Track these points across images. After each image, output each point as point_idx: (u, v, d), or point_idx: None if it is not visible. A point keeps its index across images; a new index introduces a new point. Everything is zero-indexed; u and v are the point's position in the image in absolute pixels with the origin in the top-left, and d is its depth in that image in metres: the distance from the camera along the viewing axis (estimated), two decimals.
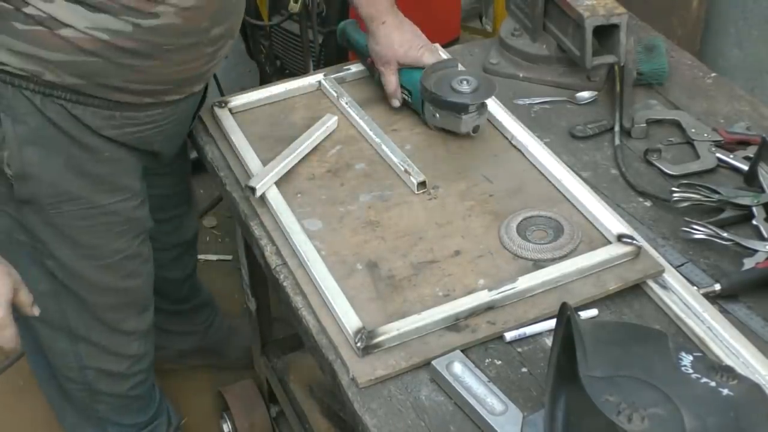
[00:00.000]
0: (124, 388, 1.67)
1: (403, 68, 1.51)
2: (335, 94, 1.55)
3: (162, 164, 1.54)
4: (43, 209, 1.37)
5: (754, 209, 1.30)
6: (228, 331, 2.19)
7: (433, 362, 1.10)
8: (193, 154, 1.63)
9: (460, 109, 1.42)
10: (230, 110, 1.52)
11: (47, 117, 1.29)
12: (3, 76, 1.25)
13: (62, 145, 1.32)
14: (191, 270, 1.99)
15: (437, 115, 1.45)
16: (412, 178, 1.36)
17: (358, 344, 1.09)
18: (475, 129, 1.44)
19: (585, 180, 1.38)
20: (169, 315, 1.95)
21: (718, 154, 1.43)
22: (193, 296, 2.04)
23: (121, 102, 1.31)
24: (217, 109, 1.51)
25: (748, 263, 1.23)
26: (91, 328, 1.55)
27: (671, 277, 1.21)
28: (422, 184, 1.36)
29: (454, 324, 1.14)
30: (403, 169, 1.38)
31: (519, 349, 1.14)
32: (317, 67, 2.12)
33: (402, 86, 1.51)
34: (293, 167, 1.40)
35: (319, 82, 1.60)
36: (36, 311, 1.22)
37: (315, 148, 1.45)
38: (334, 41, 2.02)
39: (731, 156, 1.43)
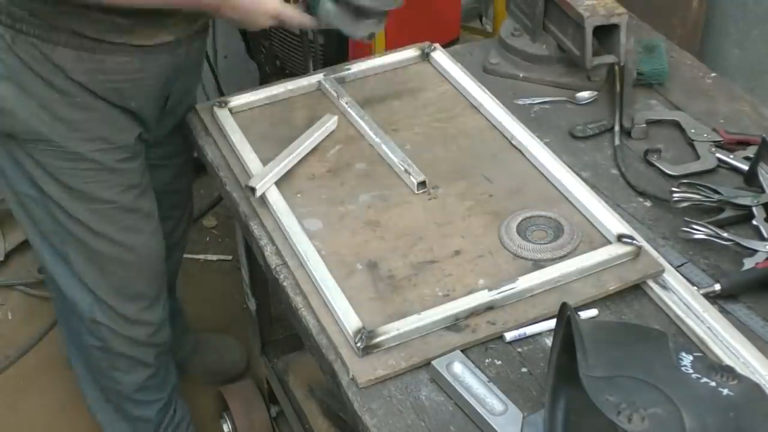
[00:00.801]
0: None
1: None
2: (335, 94, 1.55)
3: (150, 131, 1.53)
4: (25, 145, 1.39)
5: (754, 209, 1.30)
6: (193, 346, 2.13)
7: (433, 362, 1.10)
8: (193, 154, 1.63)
9: (366, 13, 1.33)
10: (230, 110, 1.52)
11: (19, 57, 1.31)
12: None
13: (35, 85, 1.34)
14: (171, 273, 1.90)
15: (332, 12, 1.33)
16: (412, 178, 1.36)
17: (358, 344, 1.09)
18: (371, 36, 1.37)
19: (585, 180, 1.38)
20: None
21: (718, 154, 1.43)
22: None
23: (84, 36, 1.31)
24: (217, 109, 1.51)
25: (748, 263, 1.23)
26: (98, 280, 1.55)
27: (671, 277, 1.21)
28: (422, 184, 1.36)
29: (454, 324, 1.14)
30: (403, 169, 1.38)
31: (519, 349, 1.14)
32: (317, 67, 2.11)
33: None
34: (293, 167, 1.40)
35: (319, 82, 1.60)
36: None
37: (315, 148, 1.45)
38: (334, 41, 2.02)
39: (731, 156, 1.43)
